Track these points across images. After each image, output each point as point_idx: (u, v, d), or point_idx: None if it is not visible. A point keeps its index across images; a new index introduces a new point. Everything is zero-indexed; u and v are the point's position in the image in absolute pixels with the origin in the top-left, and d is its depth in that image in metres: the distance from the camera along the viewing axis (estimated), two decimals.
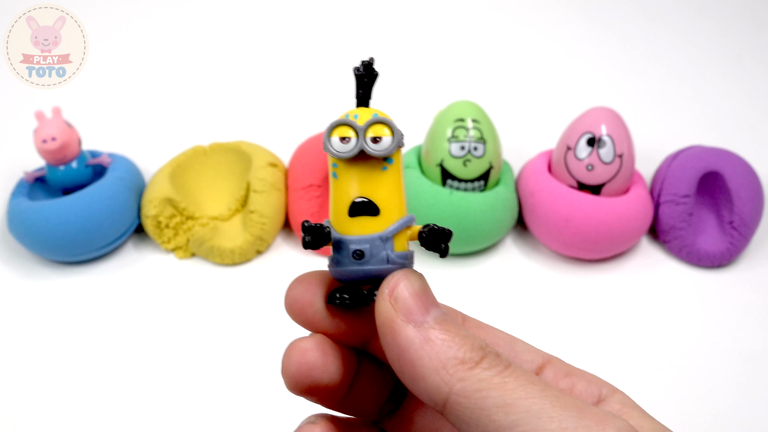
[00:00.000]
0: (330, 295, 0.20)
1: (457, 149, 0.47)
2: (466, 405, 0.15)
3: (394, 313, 0.17)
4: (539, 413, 0.15)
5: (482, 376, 0.15)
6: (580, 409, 0.15)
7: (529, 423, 0.14)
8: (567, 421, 0.14)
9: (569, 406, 0.15)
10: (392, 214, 0.19)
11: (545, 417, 0.14)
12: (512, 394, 0.15)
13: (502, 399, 0.15)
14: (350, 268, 0.19)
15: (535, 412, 0.15)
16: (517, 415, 0.15)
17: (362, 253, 0.19)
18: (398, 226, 0.19)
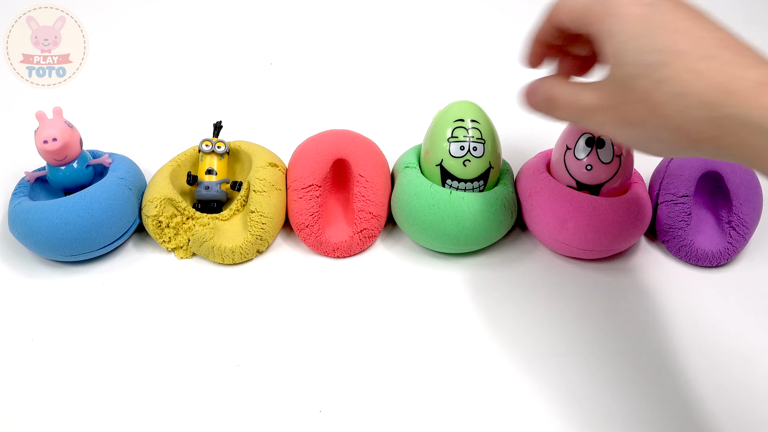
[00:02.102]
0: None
1: (456, 149, 0.47)
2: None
3: (529, 103, 0.40)
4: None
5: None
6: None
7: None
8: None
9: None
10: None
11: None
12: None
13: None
14: None
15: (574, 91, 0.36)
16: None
17: None
18: None
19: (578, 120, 0.35)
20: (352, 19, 0.76)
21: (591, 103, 0.33)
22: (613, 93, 0.31)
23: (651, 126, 0.30)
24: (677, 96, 0.29)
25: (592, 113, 0.33)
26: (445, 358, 0.43)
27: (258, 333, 0.45)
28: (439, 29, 0.75)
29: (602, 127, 0.33)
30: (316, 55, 0.72)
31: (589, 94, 0.33)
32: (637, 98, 0.30)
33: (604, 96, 0.32)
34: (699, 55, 0.29)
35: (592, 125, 0.34)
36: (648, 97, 0.30)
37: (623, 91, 0.31)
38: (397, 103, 0.66)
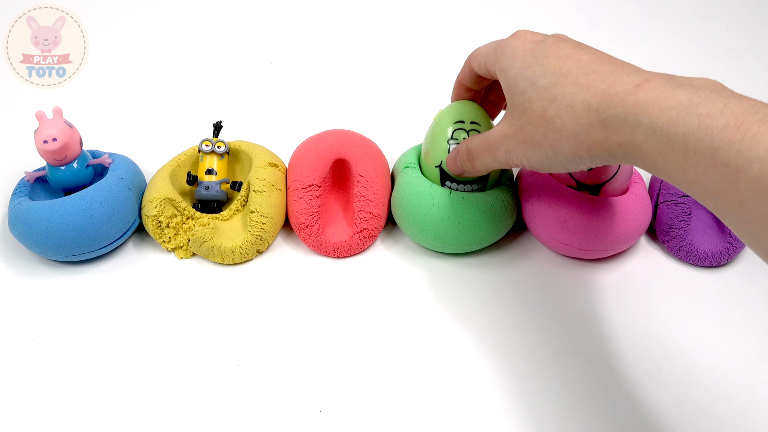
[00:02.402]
0: None
1: None
2: (489, 169, 0.43)
3: (460, 164, 0.45)
4: (492, 163, 0.41)
5: (475, 169, 0.43)
6: (494, 151, 0.40)
7: (501, 165, 0.41)
8: (500, 159, 0.40)
9: (492, 154, 0.40)
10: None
11: (496, 163, 0.41)
12: (487, 166, 0.42)
13: (488, 168, 0.42)
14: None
15: (492, 164, 0.42)
16: (497, 165, 0.41)
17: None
18: None
19: (493, 158, 0.39)
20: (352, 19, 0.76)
21: (498, 135, 0.38)
22: (515, 119, 0.36)
23: (551, 140, 0.34)
24: (568, 108, 0.32)
25: (501, 144, 0.37)
26: (445, 358, 0.43)
27: (258, 333, 0.45)
28: (439, 29, 0.75)
29: (511, 154, 0.37)
30: (316, 55, 0.72)
31: (495, 130, 0.38)
32: (535, 117, 0.34)
33: (508, 125, 0.37)
34: (582, 71, 0.33)
35: (503, 156, 0.38)
36: (544, 114, 0.34)
37: (522, 114, 0.35)
38: (397, 103, 0.66)
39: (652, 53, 0.74)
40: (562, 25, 0.76)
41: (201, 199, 0.51)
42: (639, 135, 0.29)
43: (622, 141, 0.30)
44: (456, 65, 0.48)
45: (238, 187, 0.52)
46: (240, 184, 0.52)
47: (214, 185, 0.51)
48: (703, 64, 0.72)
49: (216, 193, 0.51)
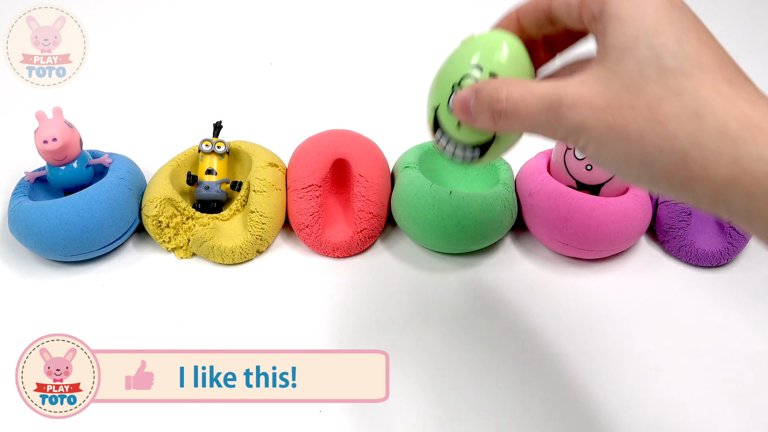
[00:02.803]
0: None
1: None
2: (513, 132, 0.31)
3: (464, 122, 0.32)
4: (532, 126, 0.28)
5: (500, 126, 0.29)
6: (545, 110, 0.26)
7: (537, 131, 0.28)
8: (542, 124, 0.27)
9: (539, 113, 0.27)
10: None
11: (536, 126, 0.28)
12: (517, 125, 0.28)
13: (518, 128, 0.29)
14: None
15: (530, 127, 0.28)
16: (529, 131, 0.28)
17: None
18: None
19: (551, 122, 0.26)
20: (352, 20, 0.76)
21: (574, 96, 0.25)
22: (610, 90, 0.25)
23: (648, 144, 0.24)
24: (694, 115, 0.23)
25: (573, 109, 0.25)
26: (445, 358, 0.43)
27: (258, 333, 0.45)
28: (439, 29, 0.75)
29: (580, 131, 0.25)
30: (316, 55, 0.72)
31: (570, 88, 0.26)
32: (641, 103, 0.24)
33: (596, 91, 0.25)
34: (725, 76, 0.24)
35: (565, 128, 0.26)
36: (657, 106, 0.24)
37: (625, 91, 0.24)
38: (397, 103, 0.66)
39: None
40: None
41: (201, 199, 0.51)
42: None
43: (756, 193, 0.22)
44: None
45: (238, 187, 0.52)
46: (240, 184, 0.52)
47: (214, 185, 0.51)
48: None
49: (216, 193, 0.51)
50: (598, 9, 0.26)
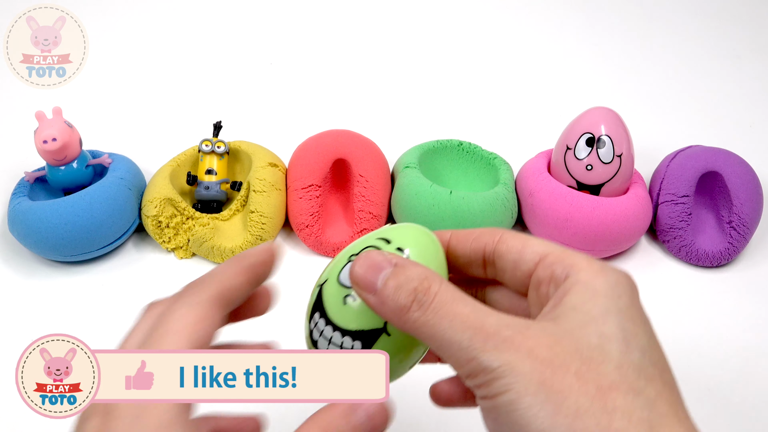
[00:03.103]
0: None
1: (346, 276, 0.26)
2: (416, 335, 0.22)
3: (360, 291, 0.23)
4: (448, 339, 0.21)
5: (412, 318, 0.22)
6: (474, 330, 0.21)
7: (444, 348, 0.21)
8: (463, 342, 0.21)
9: (465, 327, 0.21)
10: None
11: (449, 344, 0.21)
12: (432, 329, 0.21)
13: (427, 333, 0.21)
14: None
15: (446, 338, 0.21)
16: (437, 342, 0.21)
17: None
18: None
19: (467, 342, 0.21)
20: (352, 20, 0.76)
21: (514, 332, 0.21)
22: (560, 348, 0.20)
23: (578, 422, 0.19)
24: (647, 425, 0.19)
25: (507, 344, 0.20)
26: None
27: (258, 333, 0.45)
28: (439, 29, 0.75)
29: (505, 372, 0.20)
30: (316, 55, 0.72)
31: (512, 322, 0.21)
32: (591, 380, 0.20)
33: (542, 341, 0.21)
34: (680, 405, 0.22)
35: (487, 359, 0.20)
36: (607, 392, 0.20)
37: (576, 356, 0.20)
38: (397, 103, 0.66)
39: (653, 53, 0.74)
40: (562, 25, 0.77)
41: (201, 199, 0.51)
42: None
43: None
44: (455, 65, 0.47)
45: (238, 187, 0.52)
46: (240, 184, 0.52)
47: (214, 185, 0.51)
48: (703, 64, 0.72)
49: (216, 193, 0.51)
50: (563, 272, 0.23)
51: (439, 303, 0.22)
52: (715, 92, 0.69)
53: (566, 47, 0.74)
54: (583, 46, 0.74)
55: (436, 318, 0.21)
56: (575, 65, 0.72)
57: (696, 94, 0.69)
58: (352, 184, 0.51)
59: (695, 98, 0.68)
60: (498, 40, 0.74)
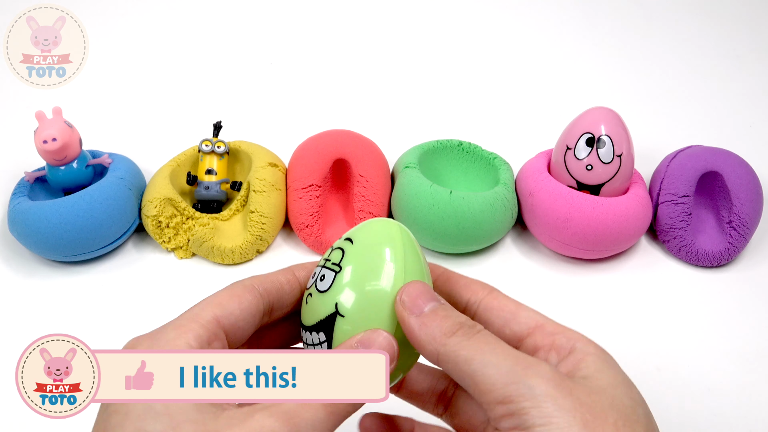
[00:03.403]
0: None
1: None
2: (447, 360, 0.22)
3: (402, 310, 0.24)
4: (488, 362, 0.21)
5: (455, 342, 0.22)
6: (515, 358, 0.21)
7: (482, 369, 0.21)
8: (504, 367, 0.21)
9: (507, 356, 0.22)
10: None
11: (491, 365, 0.21)
12: (473, 352, 0.22)
13: (466, 356, 0.22)
14: None
15: (486, 361, 0.21)
16: (475, 365, 0.21)
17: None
18: None
19: (510, 366, 0.21)
20: (352, 19, 0.76)
21: (548, 372, 0.21)
22: (593, 392, 0.22)
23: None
24: None
25: (546, 381, 0.21)
26: None
27: None
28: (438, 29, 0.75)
29: (546, 399, 0.21)
30: (316, 55, 0.72)
31: (544, 365, 0.22)
32: (627, 420, 0.21)
33: (575, 383, 0.22)
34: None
35: (529, 385, 0.21)
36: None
37: (609, 402, 0.21)
38: (397, 103, 0.66)
39: (652, 53, 0.74)
40: (562, 25, 0.77)
41: (201, 199, 0.51)
42: None
43: None
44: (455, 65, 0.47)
45: (238, 187, 0.52)
46: (240, 184, 0.52)
47: (214, 185, 0.51)
48: (703, 64, 0.72)
49: (216, 193, 0.51)
50: (569, 343, 0.24)
51: (484, 335, 0.23)
52: (715, 92, 0.69)
53: (566, 47, 0.74)
54: (583, 46, 0.74)
55: (480, 344, 0.22)
56: (575, 65, 0.72)
57: (696, 94, 0.69)
58: (352, 184, 0.51)
59: (695, 98, 0.68)
60: (498, 40, 0.74)
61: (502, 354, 0.22)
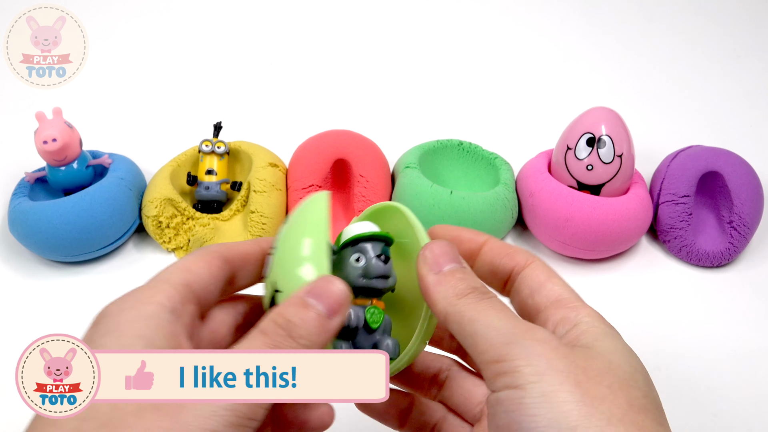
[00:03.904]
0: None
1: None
2: (454, 320, 0.23)
3: (422, 265, 0.24)
4: (490, 324, 0.22)
5: (464, 302, 0.23)
6: (515, 321, 0.22)
7: (483, 330, 0.22)
8: (504, 328, 0.22)
9: (509, 319, 0.22)
10: None
11: (492, 326, 0.22)
12: (479, 313, 0.22)
13: (471, 316, 0.22)
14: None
15: (488, 323, 0.22)
16: (477, 325, 0.22)
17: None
18: None
19: (508, 332, 0.22)
20: (352, 20, 0.76)
21: (543, 332, 0.22)
22: (590, 356, 0.22)
23: (620, 425, 0.20)
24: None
25: (538, 338, 0.22)
26: None
27: None
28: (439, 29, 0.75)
29: (534, 368, 0.21)
30: (316, 55, 0.71)
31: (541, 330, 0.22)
32: (622, 384, 0.21)
33: (572, 349, 0.22)
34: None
35: (520, 346, 0.21)
36: (640, 397, 0.21)
37: (606, 366, 0.22)
38: (397, 103, 0.66)
39: (652, 53, 0.74)
40: (562, 25, 0.77)
41: (201, 199, 0.51)
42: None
43: None
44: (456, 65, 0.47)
45: (238, 188, 0.52)
46: (240, 185, 0.52)
47: (214, 185, 0.51)
48: (703, 64, 0.72)
49: (216, 194, 0.51)
50: (576, 317, 0.25)
51: (494, 301, 0.23)
52: (715, 92, 0.69)
53: (566, 47, 0.74)
54: (583, 46, 0.74)
55: (487, 308, 0.23)
56: (575, 65, 0.72)
57: (696, 94, 0.69)
58: (352, 184, 0.51)
59: (695, 98, 0.68)
60: (498, 40, 0.74)
61: (505, 318, 0.22)
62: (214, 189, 0.51)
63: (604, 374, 0.21)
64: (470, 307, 0.23)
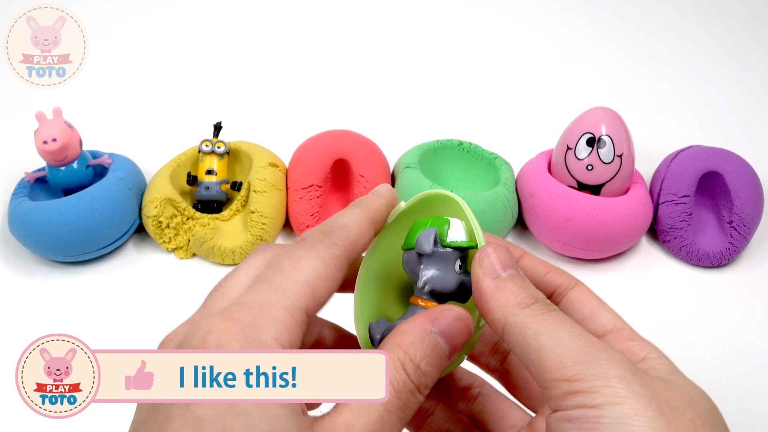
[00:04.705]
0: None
1: None
2: (514, 331, 0.21)
3: (478, 268, 0.22)
4: (560, 340, 0.20)
5: (527, 314, 0.21)
6: (589, 341, 0.20)
7: (551, 345, 0.20)
8: (577, 347, 0.20)
9: (581, 337, 0.20)
10: None
11: (562, 343, 0.20)
12: (546, 327, 0.20)
13: (536, 329, 0.20)
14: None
15: (558, 339, 0.20)
16: (544, 340, 0.20)
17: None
18: None
19: (579, 354, 0.20)
20: (352, 20, 0.76)
21: (618, 354, 0.21)
22: (669, 387, 0.21)
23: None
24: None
25: (614, 358, 0.20)
26: None
27: None
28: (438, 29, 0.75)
29: (614, 390, 0.19)
30: (316, 55, 0.71)
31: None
32: (705, 420, 0.20)
33: (651, 376, 0.21)
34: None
35: (597, 366, 0.20)
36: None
37: (686, 400, 0.20)
38: (397, 103, 0.66)
39: (652, 53, 0.74)
40: (562, 25, 0.77)
41: (201, 199, 0.51)
42: None
43: None
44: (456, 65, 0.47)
45: (238, 188, 0.52)
46: (240, 185, 0.52)
47: (214, 185, 0.51)
48: (703, 64, 0.72)
49: (216, 194, 0.51)
50: (643, 352, 0.23)
51: (560, 314, 0.21)
52: (715, 92, 0.69)
53: (566, 47, 0.74)
54: (583, 46, 0.74)
55: (554, 321, 0.21)
56: (575, 65, 0.72)
57: (696, 94, 0.69)
58: (353, 184, 0.51)
59: (695, 98, 0.68)
60: (498, 40, 0.74)
61: (577, 335, 0.20)
62: (214, 189, 0.51)
63: (686, 408, 0.20)
64: (535, 318, 0.21)
